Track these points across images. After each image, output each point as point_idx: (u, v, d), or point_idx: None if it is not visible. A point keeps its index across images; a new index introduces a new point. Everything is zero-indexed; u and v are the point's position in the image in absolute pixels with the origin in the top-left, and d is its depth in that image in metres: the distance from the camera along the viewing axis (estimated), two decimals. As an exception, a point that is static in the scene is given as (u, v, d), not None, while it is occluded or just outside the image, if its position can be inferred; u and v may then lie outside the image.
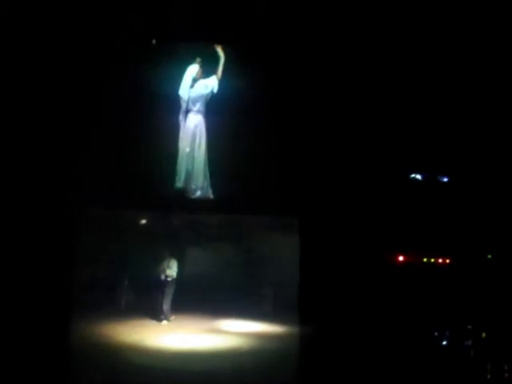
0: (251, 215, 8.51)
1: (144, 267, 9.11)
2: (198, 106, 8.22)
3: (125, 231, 8.86)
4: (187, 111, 8.23)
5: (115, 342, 8.37)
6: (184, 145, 8.19)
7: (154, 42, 8.19)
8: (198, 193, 8.21)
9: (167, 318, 9.31)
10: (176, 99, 8.21)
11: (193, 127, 8.21)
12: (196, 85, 8.26)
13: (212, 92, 8.20)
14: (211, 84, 8.19)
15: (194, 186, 8.18)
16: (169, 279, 9.40)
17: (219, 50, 8.08)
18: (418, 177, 8.94)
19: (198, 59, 8.22)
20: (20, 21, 7.71)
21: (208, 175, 8.24)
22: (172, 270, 9.42)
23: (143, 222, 9.22)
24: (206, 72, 8.24)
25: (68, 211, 7.88)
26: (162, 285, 9.35)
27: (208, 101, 8.25)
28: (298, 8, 8.05)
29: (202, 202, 8.25)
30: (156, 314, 9.32)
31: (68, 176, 7.94)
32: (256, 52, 8.12)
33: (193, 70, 8.25)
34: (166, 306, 9.31)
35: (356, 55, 8.29)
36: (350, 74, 8.33)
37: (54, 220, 7.83)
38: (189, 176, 8.18)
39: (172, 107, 8.21)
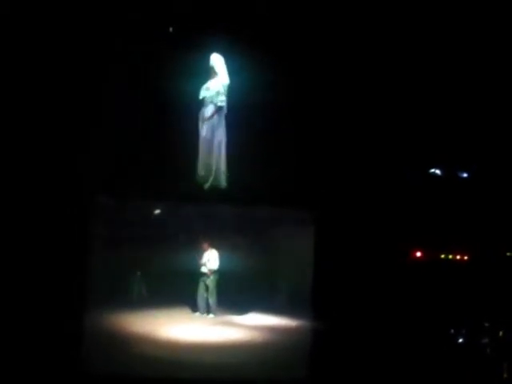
0: (266, 209, 8.51)
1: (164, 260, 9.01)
2: (219, 98, 8.18)
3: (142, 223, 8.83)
4: (208, 103, 8.20)
5: (132, 333, 8.43)
6: (204, 137, 8.17)
7: (170, 29, 8.13)
8: (215, 185, 8.17)
9: (214, 312, 9.30)
10: (197, 91, 8.18)
11: (213, 120, 8.19)
12: (217, 77, 8.19)
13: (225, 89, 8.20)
14: (226, 82, 8.17)
15: (211, 178, 8.15)
16: (209, 273, 9.36)
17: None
18: (438, 172, 8.87)
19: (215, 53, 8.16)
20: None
21: (226, 168, 8.20)
22: (211, 263, 9.37)
23: (158, 213, 9.16)
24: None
25: (85, 201, 7.91)
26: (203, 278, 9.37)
27: (227, 95, 8.22)
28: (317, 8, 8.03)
29: (217, 195, 8.21)
30: (199, 308, 9.33)
31: (90, 167, 7.95)
32: (274, 48, 8.05)
33: (217, 60, 8.18)
34: (212, 300, 9.30)
35: (379, 51, 8.25)
36: (370, 71, 8.28)
37: (68, 209, 7.83)
38: (207, 168, 8.16)
39: (194, 98, 8.16)
